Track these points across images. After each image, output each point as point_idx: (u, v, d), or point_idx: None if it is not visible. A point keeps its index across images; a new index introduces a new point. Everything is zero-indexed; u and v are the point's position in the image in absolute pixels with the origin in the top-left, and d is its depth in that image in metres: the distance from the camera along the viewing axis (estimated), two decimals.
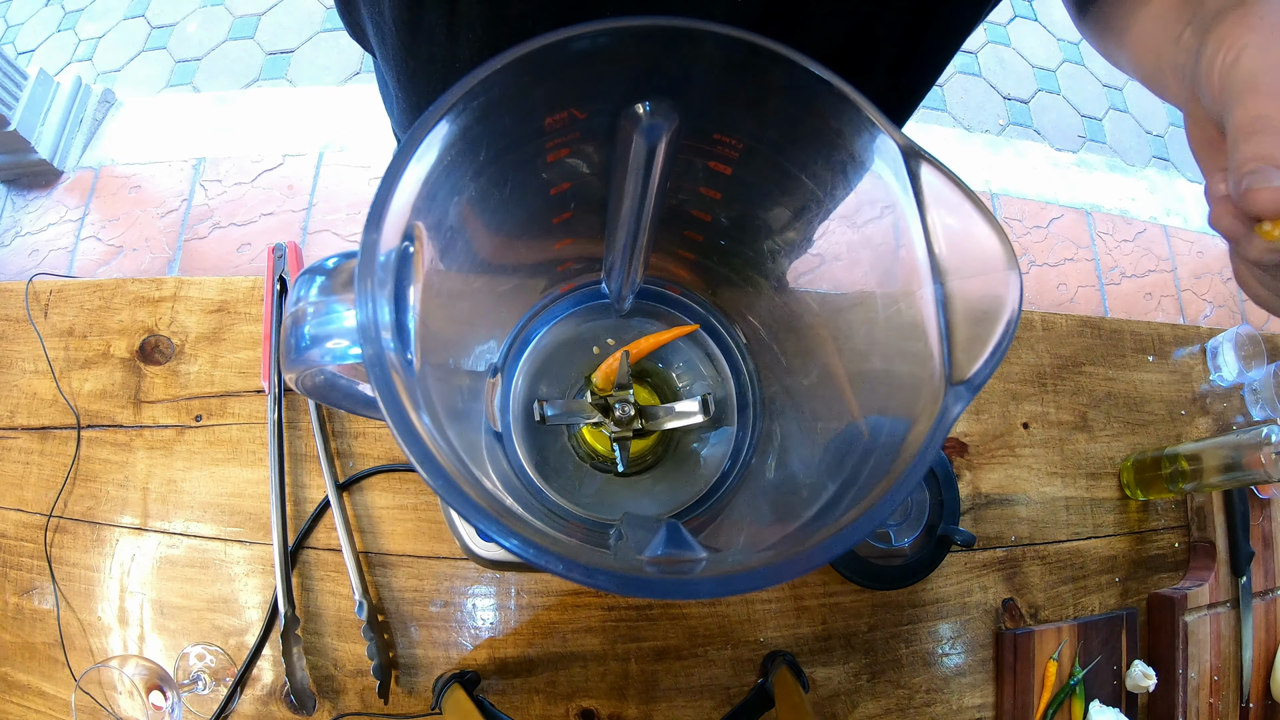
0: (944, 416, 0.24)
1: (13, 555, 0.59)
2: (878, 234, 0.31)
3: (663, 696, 0.58)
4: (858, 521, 0.23)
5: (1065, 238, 1.80)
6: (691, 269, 0.47)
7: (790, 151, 0.33)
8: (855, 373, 0.35)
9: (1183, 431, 0.76)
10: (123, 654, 0.56)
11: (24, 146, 1.56)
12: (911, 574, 0.62)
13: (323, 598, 0.58)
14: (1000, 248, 0.25)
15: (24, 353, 0.64)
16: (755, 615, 0.60)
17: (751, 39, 0.27)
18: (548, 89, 0.29)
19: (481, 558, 0.54)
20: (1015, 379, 0.73)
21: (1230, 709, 0.67)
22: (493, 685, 0.57)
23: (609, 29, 0.26)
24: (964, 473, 0.68)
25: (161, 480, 0.60)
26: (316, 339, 0.26)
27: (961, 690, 0.63)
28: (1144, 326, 0.79)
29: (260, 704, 0.55)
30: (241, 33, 2.01)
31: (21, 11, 2.12)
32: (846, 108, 0.28)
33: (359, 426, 0.62)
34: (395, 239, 0.24)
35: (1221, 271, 1.88)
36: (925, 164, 0.27)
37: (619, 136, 0.32)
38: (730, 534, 0.40)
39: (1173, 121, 2.25)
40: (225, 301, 0.65)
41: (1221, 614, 0.68)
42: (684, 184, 0.37)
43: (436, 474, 0.21)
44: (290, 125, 1.67)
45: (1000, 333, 0.24)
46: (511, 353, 0.47)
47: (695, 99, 0.30)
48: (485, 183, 0.31)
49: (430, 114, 0.25)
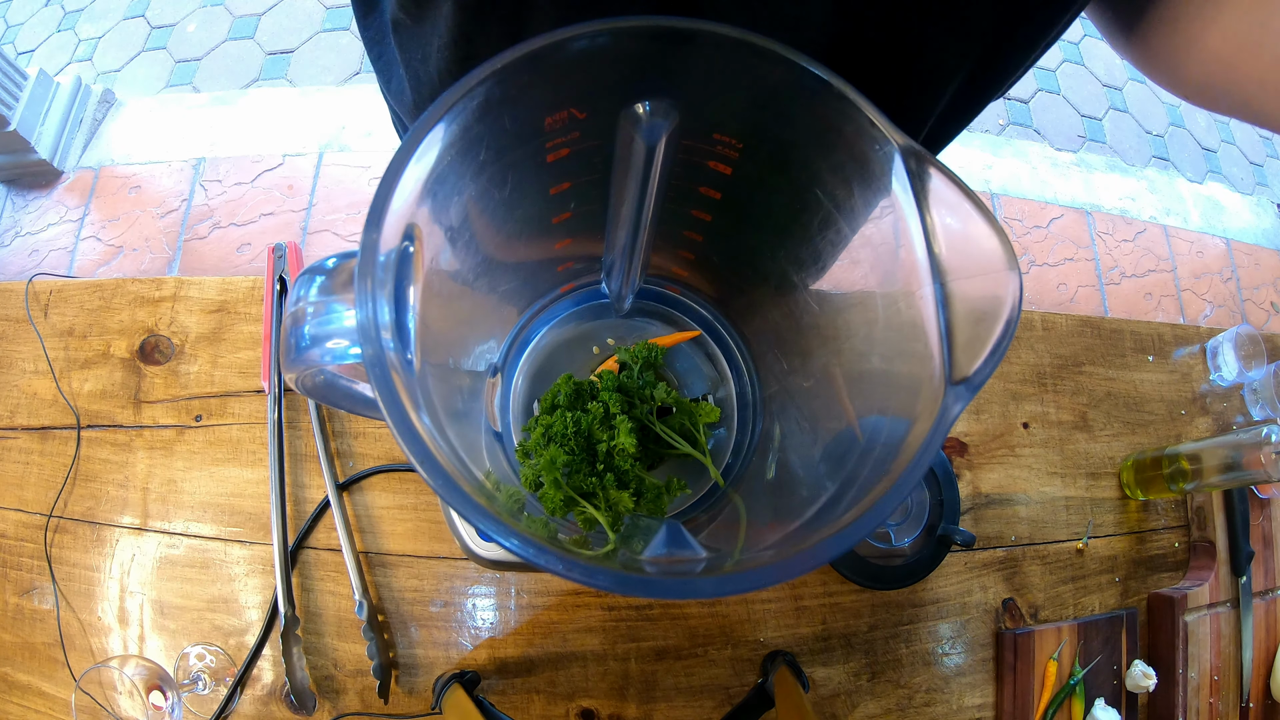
0: (944, 416, 0.24)
1: (13, 555, 0.59)
2: (878, 234, 0.31)
3: (663, 696, 0.58)
4: (858, 521, 0.23)
5: (1065, 238, 1.80)
6: (691, 269, 0.47)
7: (790, 151, 0.33)
8: (855, 373, 0.35)
9: (1183, 431, 0.76)
10: (123, 654, 0.56)
11: (24, 146, 1.56)
12: (911, 574, 0.62)
13: (323, 598, 0.58)
14: (1000, 248, 0.25)
15: (24, 353, 0.64)
16: (755, 615, 0.60)
17: (751, 39, 0.27)
18: (547, 89, 0.29)
19: (481, 558, 0.54)
20: (1015, 379, 0.73)
21: (1230, 709, 0.67)
22: (493, 685, 0.57)
23: (609, 29, 0.26)
24: (964, 473, 0.68)
25: (161, 480, 0.60)
26: (316, 339, 0.26)
27: (961, 690, 0.63)
28: (1144, 326, 0.79)
29: (260, 704, 0.55)
30: (241, 33, 2.01)
31: (21, 11, 2.12)
32: (846, 107, 0.28)
33: (359, 426, 0.62)
34: (395, 239, 0.24)
35: (1221, 271, 1.88)
36: (925, 164, 0.27)
37: (619, 136, 0.32)
38: (730, 534, 0.40)
39: (1173, 121, 2.25)
40: (225, 301, 0.65)
41: (1221, 614, 0.68)
42: (684, 184, 0.37)
43: (436, 474, 0.21)
44: (290, 125, 1.67)
45: (1000, 333, 0.24)
46: (511, 353, 0.47)
47: (695, 99, 0.30)
48: (485, 182, 0.31)
49: (430, 114, 0.25)
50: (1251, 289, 1.89)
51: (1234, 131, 2.32)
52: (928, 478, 0.65)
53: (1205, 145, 2.25)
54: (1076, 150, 2.05)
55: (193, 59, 1.97)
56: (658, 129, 0.30)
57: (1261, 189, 2.23)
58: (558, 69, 0.27)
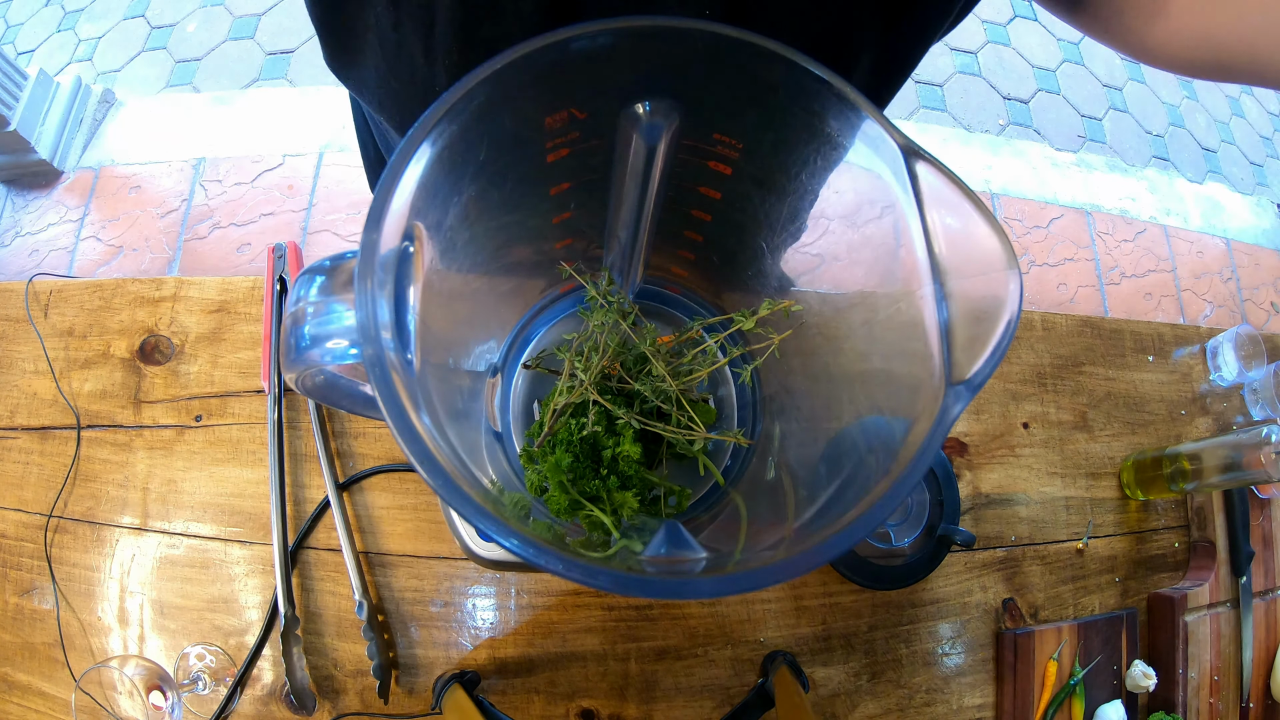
0: (944, 416, 0.24)
1: (13, 555, 0.59)
2: (878, 234, 0.31)
3: (663, 696, 0.57)
4: (858, 521, 0.23)
5: (1065, 238, 1.80)
6: (691, 269, 0.47)
7: (790, 151, 0.33)
8: (855, 373, 0.35)
9: (1183, 431, 0.76)
10: (123, 654, 0.56)
11: (24, 146, 1.56)
12: (911, 574, 0.62)
13: (323, 598, 0.58)
14: (1000, 248, 0.25)
15: (24, 353, 0.64)
16: (755, 615, 0.60)
17: (751, 39, 0.27)
18: (547, 89, 0.29)
19: (481, 558, 0.54)
20: (1015, 379, 0.73)
21: (1230, 709, 0.67)
22: (493, 685, 0.57)
23: (608, 29, 0.26)
24: (964, 473, 0.68)
25: (161, 480, 0.60)
26: (316, 339, 0.26)
27: (961, 690, 0.63)
28: (1144, 326, 0.79)
29: (260, 704, 0.55)
30: (241, 33, 2.01)
31: (21, 11, 2.12)
32: (846, 107, 0.28)
33: (359, 426, 0.62)
34: (395, 239, 0.24)
35: (1221, 271, 1.88)
36: (925, 163, 0.27)
37: (619, 136, 0.32)
38: (730, 534, 0.40)
39: (1173, 121, 2.25)
40: (225, 301, 0.65)
41: (1221, 614, 0.68)
42: (684, 184, 0.37)
43: (436, 474, 0.21)
44: (290, 125, 1.67)
45: (1000, 333, 0.24)
46: (511, 353, 0.47)
47: (695, 99, 0.30)
48: (485, 183, 0.31)
49: (430, 114, 0.25)
50: (1251, 289, 1.89)
51: (1234, 131, 2.32)
52: (928, 478, 0.65)
53: (1205, 145, 2.25)
54: (1076, 150, 2.05)
55: (193, 59, 1.97)
56: (658, 129, 0.30)
57: (1261, 189, 2.23)
58: (557, 69, 0.27)
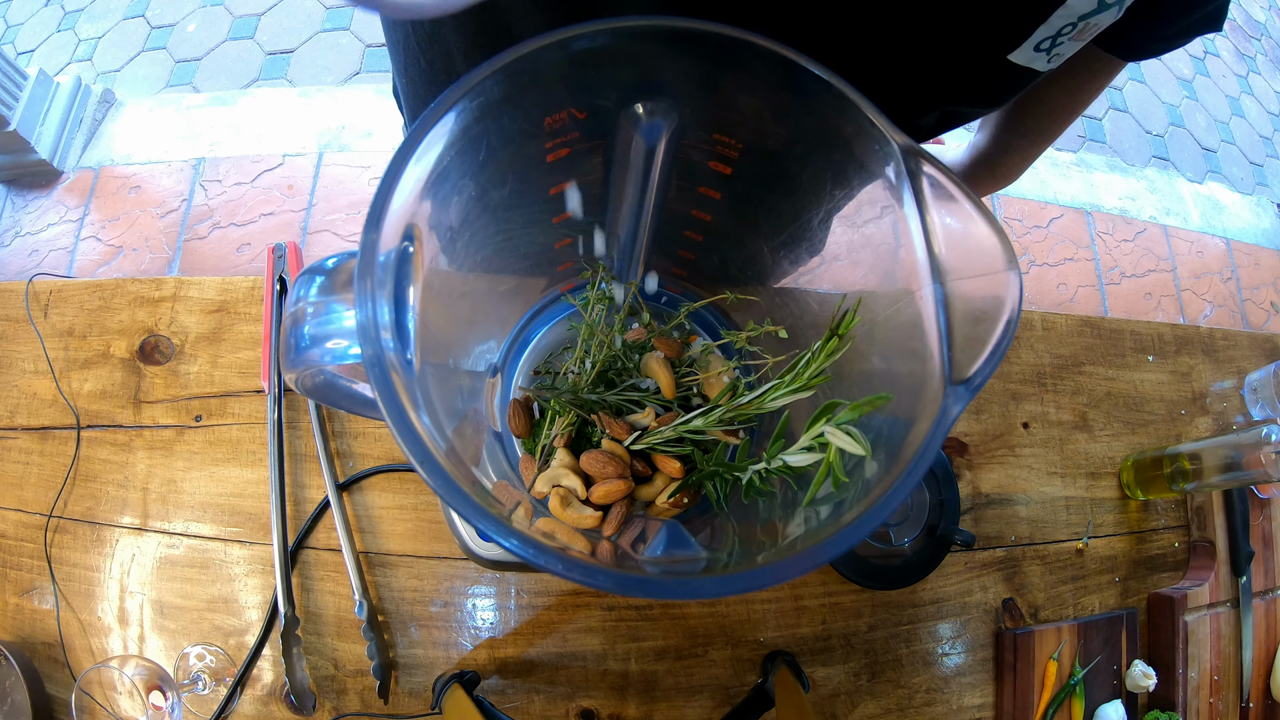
0: (944, 416, 0.24)
1: (13, 555, 0.59)
2: (878, 234, 0.31)
3: (663, 696, 0.57)
4: (858, 521, 0.23)
5: (1065, 238, 1.80)
6: (691, 269, 0.47)
7: (790, 151, 0.33)
8: (855, 373, 0.35)
9: (1183, 431, 0.76)
10: (123, 654, 0.56)
11: (24, 147, 1.55)
12: (911, 574, 0.62)
13: (323, 598, 0.58)
14: (1000, 248, 0.25)
15: (24, 353, 0.64)
16: (755, 615, 0.60)
17: (751, 39, 0.27)
18: (547, 89, 0.29)
19: (481, 558, 0.54)
20: (1015, 379, 0.73)
21: (1230, 709, 0.67)
22: (493, 685, 0.57)
23: (607, 29, 0.26)
24: (964, 473, 0.68)
25: (161, 480, 0.60)
26: (316, 339, 0.26)
27: (961, 690, 0.63)
28: (1144, 326, 0.79)
29: (260, 704, 0.55)
30: (241, 33, 2.01)
31: (21, 11, 2.12)
32: (846, 107, 0.28)
33: (359, 426, 0.62)
34: (395, 239, 0.24)
35: (1221, 271, 1.88)
36: (925, 164, 0.27)
37: (619, 136, 0.32)
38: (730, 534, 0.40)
39: (1173, 121, 2.25)
40: (225, 301, 0.65)
41: (1221, 614, 0.68)
42: (684, 184, 0.37)
43: (436, 474, 0.21)
44: (290, 125, 1.67)
45: (1000, 333, 0.24)
46: (511, 353, 0.47)
47: (695, 99, 0.30)
48: (485, 182, 0.31)
49: (430, 114, 0.25)
50: (1251, 289, 1.89)
51: (1234, 131, 2.32)
52: (928, 478, 0.65)
53: (1205, 145, 2.25)
54: (1076, 150, 2.05)
55: (193, 59, 1.97)
56: (658, 129, 0.30)
57: (1261, 189, 2.23)
58: (558, 69, 0.27)
